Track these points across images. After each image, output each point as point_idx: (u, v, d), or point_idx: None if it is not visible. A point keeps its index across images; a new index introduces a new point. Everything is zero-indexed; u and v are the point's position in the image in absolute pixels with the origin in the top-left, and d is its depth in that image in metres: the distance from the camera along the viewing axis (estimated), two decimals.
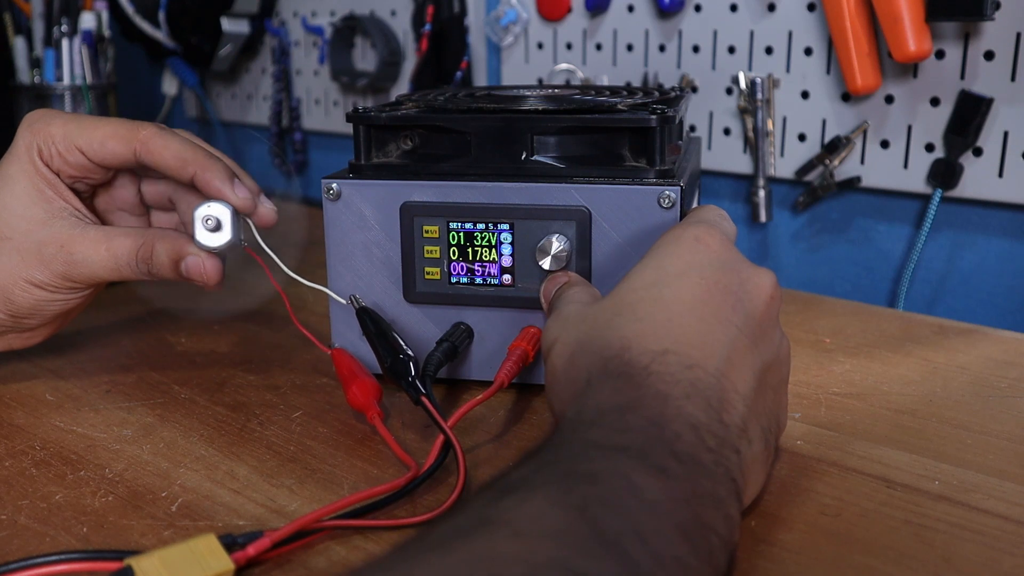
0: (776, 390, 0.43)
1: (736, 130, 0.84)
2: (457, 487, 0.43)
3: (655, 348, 0.39)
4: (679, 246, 0.43)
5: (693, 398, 0.37)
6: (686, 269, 0.42)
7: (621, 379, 0.38)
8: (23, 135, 0.53)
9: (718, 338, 0.40)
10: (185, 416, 0.54)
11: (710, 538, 0.33)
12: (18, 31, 0.96)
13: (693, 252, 0.43)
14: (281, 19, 1.18)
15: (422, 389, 0.48)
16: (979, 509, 0.42)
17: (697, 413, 0.37)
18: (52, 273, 0.52)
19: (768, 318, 0.42)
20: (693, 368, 0.38)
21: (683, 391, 0.37)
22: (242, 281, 0.72)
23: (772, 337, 0.43)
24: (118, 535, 0.41)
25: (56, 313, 0.55)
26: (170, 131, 0.53)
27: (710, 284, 0.41)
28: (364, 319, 0.52)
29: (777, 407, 0.44)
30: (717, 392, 0.38)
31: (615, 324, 0.41)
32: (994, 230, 0.75)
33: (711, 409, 0.37)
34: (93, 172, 0.54)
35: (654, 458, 0.34)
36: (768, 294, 0.42)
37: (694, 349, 0.39)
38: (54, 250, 0.52)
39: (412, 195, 0.54)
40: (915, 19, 0.69)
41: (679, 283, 0.41)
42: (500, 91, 0.66)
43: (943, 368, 0.60)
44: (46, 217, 0.52)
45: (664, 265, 0.42)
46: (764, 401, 0.42)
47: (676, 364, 0.38)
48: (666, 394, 0.37)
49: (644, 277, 0.42)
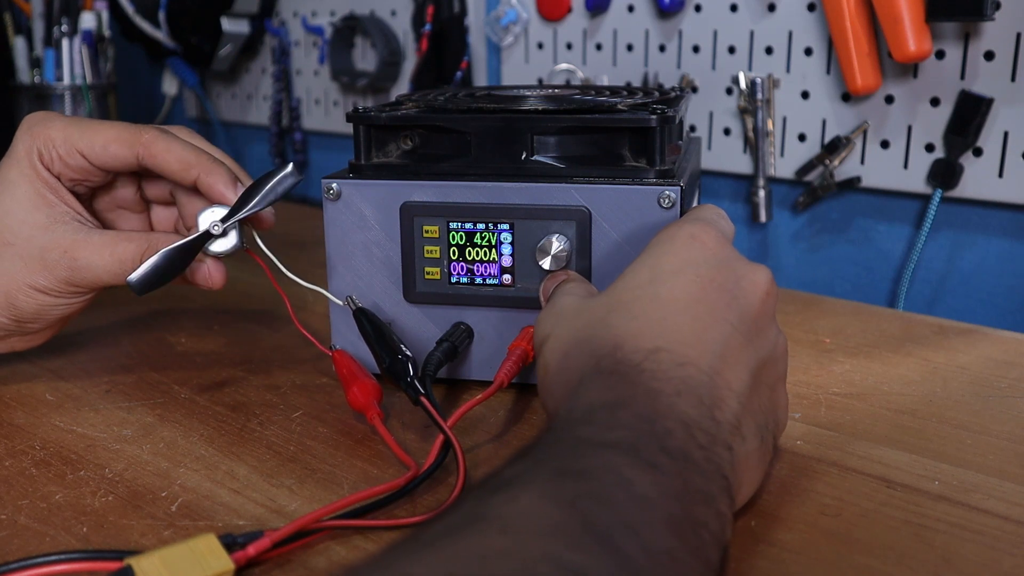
0: (773, 387, 0.43)
1: (736, 130, 0.84)
2: (457, 487, 0.43)
3: (647, 346, 0.39)
4: (674, 244, 0.43)
5: (685, 395, 0.37)
6: (681, 267, 0.42)
7: (613, 377, 0.38)
8: (22, 139, 0.53)
9: (712, 336, 0.40)
10: (185, 416, 0.54)
11: (701, 533, 0.33)
12: (18, 31, 0.96)
13: (688, 249, 0.43)
14: (281, 19, 1.18)
15: (421, 389, 0.48)
16: (979, 509, 0.42)
17: (688, 410, 0.37)
18: (55, 278, 0.52)
19: (764, 315, 0.42)
20: (685, 366, 0.38)
21: (674, 388, 0.37)
22: (241, 281, 0.72)
23: (768, 334, 0.43)
24: (118, 535, 0.41)
25: (59, 317, 0.55)
26: (172, 134, 0.53)
27: (705, 282, 0.41)
28: (361, 320, 0.52)
29: (774, 404, 0.44)
30: (709, 389, 0.38)
31: (609, 322, 0.41)
32: (994, 230, 0.75)
33: (703, 406, 0.37)
34: (94, 175, 0.54)
35: (645, 454, 0.34)
36: (763, 291, 0.42)
37: (687, 347, 0.39)
38: (57, 255, 0.51)
39: (412, 195, 0.54)
40: (915, 19, 0.69)
41: (674, 281, 0.41)
42: (500, 91, 0.66)
43: (943, 368, 0.60)
44: (48, 222, 0.52)
45: (660, 263, 0.43)
46: (759, 398, 0.42)
47: (668, 362, 0.38)
48: (657, 391, 0.37)
49: (639, 275, 0.43)
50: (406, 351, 0.50)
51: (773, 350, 0.43)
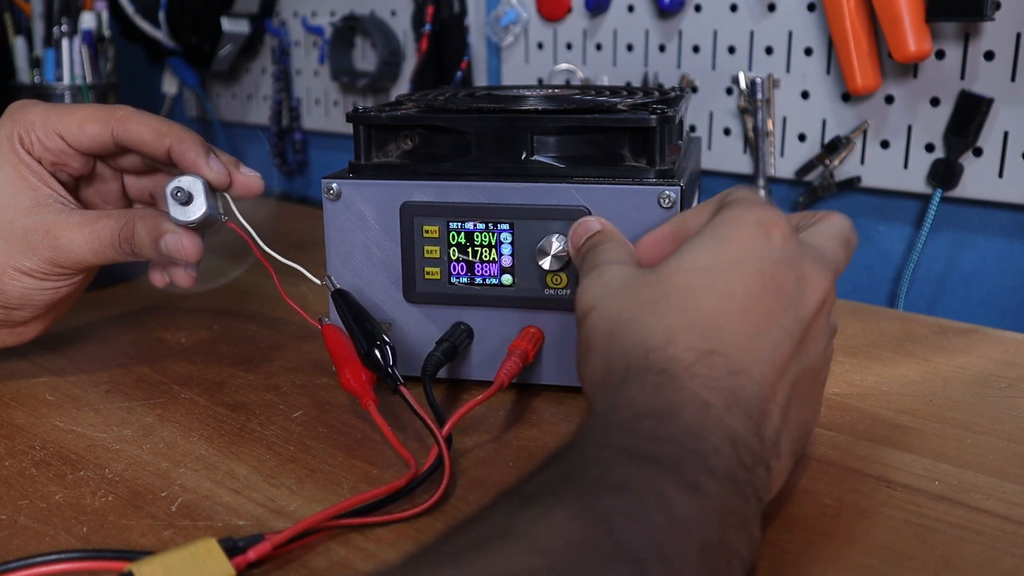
0: (809, 398, 0.41)
1: (736, 130, 0.84)
2: (442, 484, 0.43)
3: (701, 346, 0.37)
4: (740, 229, 0.40)
5: (734, 409, 0.35)
6: (744, 257, 0.39)
7: (662, 376, 0.36)
8: (4, 125, 0.54)
9: (765, 342, 0.37)
10: (185, 416, 0.54)
11: (731, 560, 0.32)
12: (18, 31, 0.96)
13: (753, 239, 0.39)
14: (281, 19, 1.18)
15: (399, 378, 0.48)
16: (979, 509, 0.42)
17: (736, 426, 0.35)
18: (39, 259, 0.52)
19: (818, 322, 0.40)
20: (737, 375, 0.36)
21: (725, 401, 0.35)
22: (241, 281, 0.72)
23: (819, 343, 0.40)
24: (118, 535, 0.41)
25: (46, 303, 0.55)
26: (146, 112, 0.54)
27: (765, 279, 0.38)
28: (339, 302, 0.52)
29: (809, 417, 0.42)
30: (758, 403, 0.36)
31: (661, 309, 0.38)
32: (994, 230, 0.75)
33: (751, 421, 0.35)
34: (73, 158, 0.54)
35: (689, 473, 0.32)
36: (821, 297, 0.40)
37: (741, 352, 0.37)
38: (39, 236, 0.52)
39: (412, 195, 0.54)
40: (915, 19, 0.69)
41: (733, 272, 0.38)
42: (500, 91, 0.66)
43: (943, 368, 0.60)
44: (31, 204, 0.53)
45: (721, 248, 0.39)
46: (797, 411, 0.39)
47: (721, 368, 0.36)
48: (707, 402, 0.35)
49: (698, 258, 0.39)
50: (386, 338, 0.50)
51: (819, 359, 0.41)
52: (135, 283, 0.79)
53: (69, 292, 0.55)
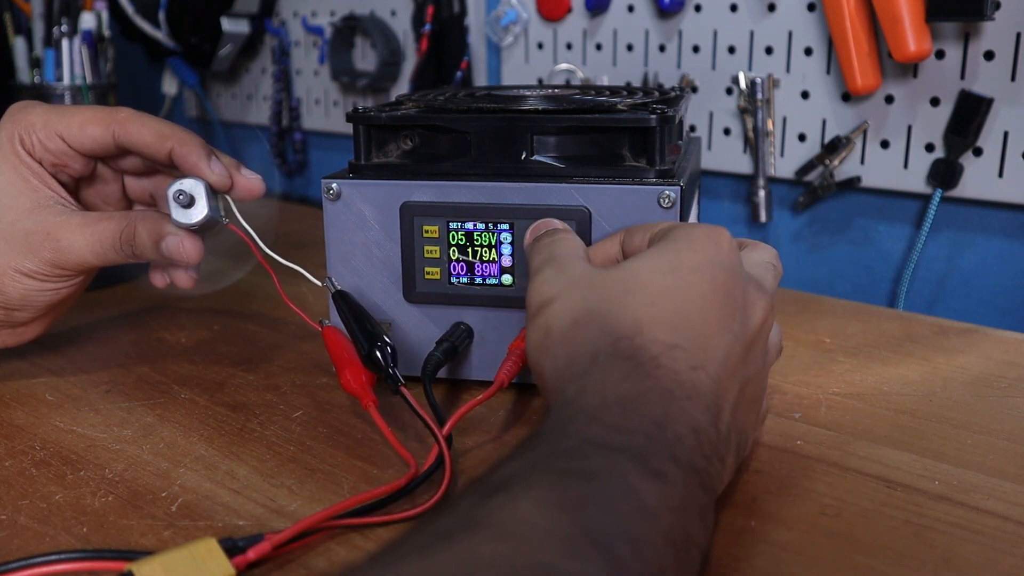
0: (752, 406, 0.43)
1: (736, 130, 0.84)
2: (443, 484, 0.43)
3: (666, 340, 0.38)
4: (695, 241, 0.42)
5: (695, 400, 0.37)
6: (702, 265, 0.41)
7: (630, 363, 0.37)
8: (4, 126, 0.54)
9: (719, 342, 0.39)
10: (185, 416, 0.54)
11: (691, 551, 0.33)
12: (18, 31, 0.96)
13: (706, 248, 0.42)
14: (281, 19, 1.18)
15: (400, 379, 0.48)
16: (979, 509, 0.42)
17: (699, 417, 0.36)
18: (40, 260, 0.52)
19: (760, 334, 0.42)
20: (697, 370, 0.38)
21: (686, 392, 0.37)
22: (241, 281, 0.72)
23: (759, 360, 0.42)
24: (118, 535, 0.41)
25: (46, 304, 0.55)
26: (146, 113, 0.54)
27: (719, 285, 0.40)
28: (340, 303, 0.52)
29: (751, 424, 0.43)
30: (714, 397, 0.38)
31: (627, 302, 0.40)
32: (994, 230, 0.75)
33: (709, 413, 0.37)
34: (74, 160, 0.54)
35: (654, 461, 0.33)
36: (763, 317, 0.42)
37: (699, 350, 0.39)
38: (40, 238, 0.52)
39: (412, 195, 0.54)
40: (915, 19, 0.69)
41: (691, 277, 0.40)
42: (500, 91, 0.66)
43: (943, 368, 0.60)
44: (32, 206, 0.53)
45: (680, 258, 0.41)
46: (742, 414, 0.41)
47: (683, 362, 0.38)
48: (672, 392, 0.36)
49: (658, 262, 0.41)
50: (387, 339, 0.50)
51: (760, 374, 0.43)
52: (135, 283, 0.79)
53: (69, 293, 0.55)
